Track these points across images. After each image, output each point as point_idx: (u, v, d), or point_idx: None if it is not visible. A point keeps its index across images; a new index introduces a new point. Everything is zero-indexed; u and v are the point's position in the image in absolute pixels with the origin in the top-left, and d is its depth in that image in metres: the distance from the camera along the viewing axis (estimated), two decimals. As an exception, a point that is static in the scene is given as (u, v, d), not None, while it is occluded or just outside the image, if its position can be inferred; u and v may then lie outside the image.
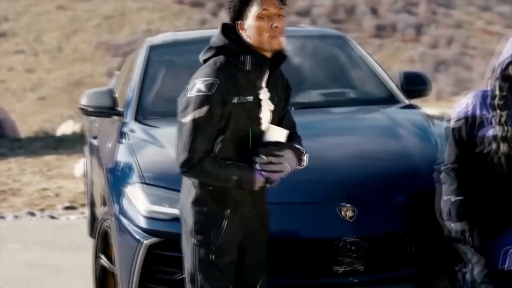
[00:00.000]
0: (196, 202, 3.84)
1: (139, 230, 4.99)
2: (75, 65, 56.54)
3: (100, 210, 6.15)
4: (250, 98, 3.75)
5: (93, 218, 8.06)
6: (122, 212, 5.18)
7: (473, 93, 4.61)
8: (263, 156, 3.68)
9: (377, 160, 5.29)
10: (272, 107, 3.83)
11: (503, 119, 4.44)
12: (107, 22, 64.33)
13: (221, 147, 3.74)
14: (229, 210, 3.81)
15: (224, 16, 3.98)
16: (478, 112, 4.54)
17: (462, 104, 4.59)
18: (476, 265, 4.54)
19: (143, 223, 5.00)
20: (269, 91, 3.82)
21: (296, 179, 4.82)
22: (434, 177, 4.63)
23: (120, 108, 6.40)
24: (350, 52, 7.09)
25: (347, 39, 7.32)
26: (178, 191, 4.85)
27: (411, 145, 5.34)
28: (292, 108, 6.16)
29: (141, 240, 4.94)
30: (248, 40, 3.75)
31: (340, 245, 4.78)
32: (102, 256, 5.68)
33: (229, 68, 3.73)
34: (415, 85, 6.55)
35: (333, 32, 7.82)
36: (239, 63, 3.74)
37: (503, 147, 4.41)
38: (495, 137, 4.44)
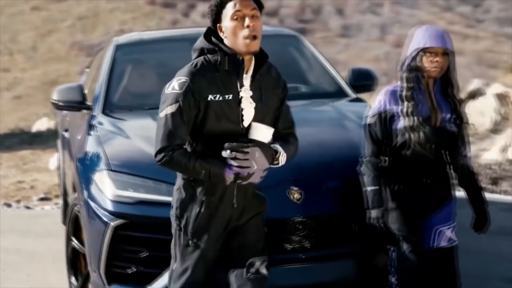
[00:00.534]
0: (178, 189, 3.94)
1: (106, 213, 5.15)
2: (50, 65, 56.10)
3: (71, 196, 6.24)
4: (229, 97, 3.78)
5: (66, 207, 8.04)
6: (91, 197, 5.32)
7: (385, 90, 4.80)
8: (228, 151, 3.70)
9: (323, 148, 5.41)
10: (253, 105, 3.83)
11: (410, 110, 4.62)
12: (81, 23, 63.87)
13: (203, 143, 3.82)
14: (205, 197, 3.86)
15: (195, 17, 4.16)
16: (389, 107, 4.72)
17: (376, 101, 4.78)
18: (402, 245, 4.73)
19: (110, 206, 5.15)
20: (252, 89, 3.82)
21: None
22: (357, 169, 4.81)
23: (89, 103, 6.54)
24: (303, 50, 7.20)
25: (300, 38, 7.44)
26: (142, 177, 5.16)
27: (355, 135, 5.40)
28: None
29: (108, 222, 5.09)
30: (226, 41, 3.79)
31: (289, 224, 4.92)
32: (74, 239, 5.84)
33: (207, 68, 3.78)
34: (362, 80, 6.73)
35: (288, 32, 7.90)
36: (217, 64, 3.77)
37: (414, 136, 4.60)
38: (405, 128, 4.64)
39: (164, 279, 4.94)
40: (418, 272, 4.79)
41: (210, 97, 3.74)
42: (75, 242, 5.82)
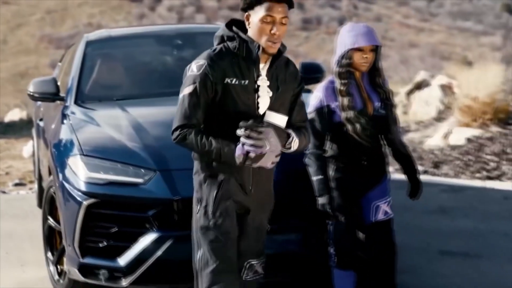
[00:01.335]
0: (197, 173, 3.88)
1: (80, 193, 5.32)
2: (20, 57, 55.52)
3: (47, 180, 6.39)
4: (245, 82, 3.74)
5: (41, 191, 8.22)
6: (66, 179, 5.49)
7: (321, 86, 4.97)
8: (242, 129, 3.62)
9: None
10: (270, 93, 3.79)
11: (345, 104, 4.81)
12: (49, 16, 63.27)
13: (219, 125, 3.77)
14: (223, 179, 3.79)
15: (161, 11, 4.21)
16: (326, 102, 4.89)
17: (315, 98, 4.93)
18: (339, 220, 4.94)
19: (83, 187, 5.31)
20: (268, 79, 3.78)
21: None
22: (303, 161, 4.96)
23: (62, 94, 6.69)
24: None
25: None
26: (112, 160, 5.38)
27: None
28: None
29: (82, 201, 5.27)
30: (249, 32, 3.75)
31: None
32: (50, 218, 6.01)
33: (226, 54, 3.74)
34: (312, 73, 6.89)
35: None
36: (235, 50, 3.73)
37: (351, 128, 4.81)
38: (343, 121, 4.83)
39: (132, 251, 5.17)
40: (353, 243, 4.99)
41: (227, 80, 3.72)
42: (51, 221, 5.98)
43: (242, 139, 3.63)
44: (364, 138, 4.74)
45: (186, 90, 3.75)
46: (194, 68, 3.74)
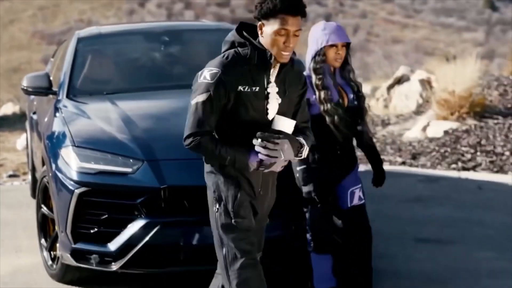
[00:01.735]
0: (211, 172, 3.80)
1: (72, 182, 5.40)
2: (12, 53, 55.13)
3: (40, 170, 6.43)
4: (256, 89, 3.66)
5: (34, 181, 8.22)
6: (58, 169, 5.57)
7: None
8: (259, 140, 3.60)
9: None
10: (280, 100, 3.72)
11: (322, 97, 4.92)
12: (41, 13, 62.82)
13: (231, 131, 3.71)
14: (239, 179, 3.74)
15: (150, 7, 4.06)
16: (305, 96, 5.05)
17: None
18: (315, 207, 5.03)
19: (75, 176, 5.40)
20: (277, 84, 3.71)
21: None
22: None
23: (54, 88, 6.72)
24: None
25: None
26: (102, 151, 5.45)
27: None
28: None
29: (74, 189, 5.34)
30: (261, 39, 3.66)
31: None
32: (43, 206, 6.05)
33: (237, 61, 3.64)
34: None
35: (228, 26, 7.94)
36: (247, 57, 3.65)
37: (329, 119, 4.93)
38: (322, 113, 4.93)
39: (122, 237, 5.24)
40: (330, 229, 5.09)
41: (240, 88, 3.63)
42: (44, 209, 6.03)
43: (258, 148, 3.61)
44: (340, 129, 4.87)
45: (199, 97, 3.64)
46: (208, 76, 3.64)
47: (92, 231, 5.37)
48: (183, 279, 5.92)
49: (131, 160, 5.38)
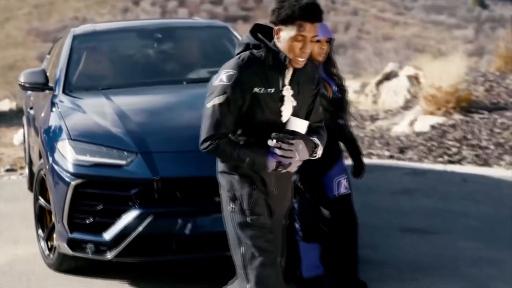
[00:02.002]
0: (224, 172, 3.76)
1: (68, 174, 5.46)
2: (8, 50, 54.78)
3: (37, 163, 6.49)
4: (272, 90, 3.62)
5: (31, 175, 8.29)
6: (55, 162, 5.64)
7: None
8: (274, 141, 3.58)
9: None
10: (295, 103, 3.70)
11: None
12: (37, 10, 62.52)
13: (247, 132, 3.67)
14: (253, 177, 3.71)
15: (145, 5, 3.95)
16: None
17: None
18: (304, 197, 5.12)
19: (71, 169, 5.46)
20: (292, 88, 3.69)
21: (183, 132, 5.44)
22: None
23: (51, 84, 6.78)
24: (232, 39, 7.43)
25: (229, 29, 7.69)
26: (97, 144, 5.49)
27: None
28: (185, 83, 6.73)
29: (70, 181, 5.42)
30: (277, 43, 3.63)
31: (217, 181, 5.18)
32: (40, 198, 6.14)
33: (253, 63, 3.61)
34: None
35: (219, 24, 8.16)
36: (262, 59, 3.62)
37: None
38: None
39: (116, 227, 5.30)
40: (317, 218, 5.17)
41: (256, 89, 3.60)
42: (41, 201, 6.11)
43: (273, 149, 3.59)
44: (325, 120, 4.93)
45: (216, 100, 3.60)
46: (224, 78, 3.60)
47: (87, 221, 5.42)
48: (176, 268, 5.98)
49: (125, 153, 5.43)
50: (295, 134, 3.61)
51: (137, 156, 5.40)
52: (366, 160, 5.56)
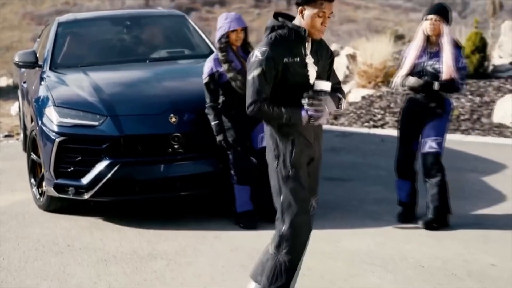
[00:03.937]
0: (271, 135, 3.85)
1: (53, 133, 5.82)
2: (4, 32, 53.99)
3: (30, 126, 6.77)
4: (297, 59, 3.75)
5: (25, 138, 8.39)
6: (43, 124, 5.97)
7: (211, 58, 5.61)
8: (306, 99, 3.69)
9: (194, 88, 5.92)
10: (316, 67, 3.81)
11: (227, 68, 5.50)
12: (31, -4, 62.00)
13: (283, 94, 3.77)
14: (294, 137, 3.79)
15: None
16: (215, 69, 5.57)
17: (207, 67, 5.58)
18: (236, 149, 5.55)
19: (55, 129, 5.81)
20: (312, 56, 3.81)
21: (144, 100, 5.80)
22: (206, 112, 5.56)
23: (40, 62, 7.11)
24: (188, 26, 7.80)
25: (186, 17, 8.00)
26: (77, 109, 5.79)
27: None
28: (148, 61, 7.07)
29: (55, 139, 5.78)
30: (299, 20, 3.77)
31: (170, 137, 5.67)
32: (32, 153, 6.49)
33: (280, 39, 3.75)
34: None
35: (177, 13, 8.36)
36: (286, 36, 3.77)
37: (235, 83, 5.52)
38: (229, 79, 5.51)
39: (91, 173, 5.67)
40: (248, 165, 5.58)
41: (285, 59, 3.73)
42: (33, 156, 6.46)
43: (306, 106, 3.70)
44: (243, 89, 5.24)
45: (254, 72, 3.72)
46: (258, 54, 3.74)
47: (69, 170, 5.78)
48: (139, 206, 6.32)
49: (98, 116, 5.78)
50: (322, 92, 3.73)
51: (107, 119, 5.73)
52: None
